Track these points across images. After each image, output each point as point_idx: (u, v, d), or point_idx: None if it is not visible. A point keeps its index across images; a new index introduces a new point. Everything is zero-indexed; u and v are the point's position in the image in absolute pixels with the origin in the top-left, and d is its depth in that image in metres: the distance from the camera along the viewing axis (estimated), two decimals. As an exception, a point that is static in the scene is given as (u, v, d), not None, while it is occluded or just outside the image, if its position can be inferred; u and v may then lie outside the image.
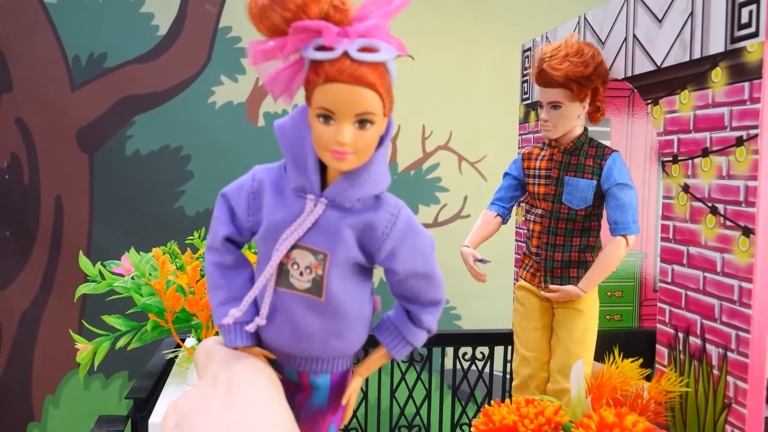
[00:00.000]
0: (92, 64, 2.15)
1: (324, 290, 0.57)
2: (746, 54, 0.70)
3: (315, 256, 0.56)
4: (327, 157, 0.54)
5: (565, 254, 1.02)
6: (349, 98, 0.52)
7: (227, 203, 0.60)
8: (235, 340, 0.59)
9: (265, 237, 0.58)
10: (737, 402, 0.71)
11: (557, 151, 1.03)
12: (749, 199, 0.69)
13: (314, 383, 0.60)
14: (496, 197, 1.12)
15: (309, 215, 0.56)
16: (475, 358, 1.32)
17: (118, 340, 0.98)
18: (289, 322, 0.58)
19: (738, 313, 0.71)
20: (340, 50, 0.50)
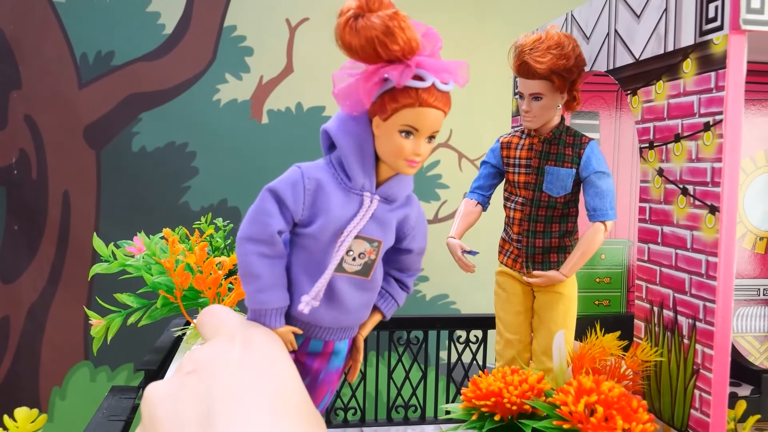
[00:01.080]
0: (100, 62, 2.20)
1: (372, 271, 0.69)
2: (713, 46, 0.75)
3: (371, 244, 0.67)
4: (401, 164, 0.65)
5: (545, 240, 1.06)
6: (433, 120, 0.63)
7: (277, 198, 0.65)
8: (273, 322, 0.66)
9: (325, 230, 0.65)
10: (704, 368, 0.77)
11: (537, 141, 1.06)
12: (715, 180, 0.75)
13: (337, 349, 0.71)
14: (475, 185, 1.14)
15: (367, 210, 0.66)
16: (469, 341, 1.37)
17: (130, 317, 1.04)
18: (334, 300, 0.67)
19: (705, 285, 0.77)
20: (430, 82, 0.62)
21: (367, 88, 0.62)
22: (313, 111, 2.30)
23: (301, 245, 0.67)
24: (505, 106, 2.02)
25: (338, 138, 0.66)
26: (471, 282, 2.19)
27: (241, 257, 0.65)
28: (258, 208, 0.65)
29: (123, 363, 2.26)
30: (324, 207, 0.65)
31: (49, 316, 2.24)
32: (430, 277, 2.32)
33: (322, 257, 0.66)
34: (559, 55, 0.98)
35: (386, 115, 0.63)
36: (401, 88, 0.62)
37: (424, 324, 1.35)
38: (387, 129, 0.64)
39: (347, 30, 0.60)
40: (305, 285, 0.67)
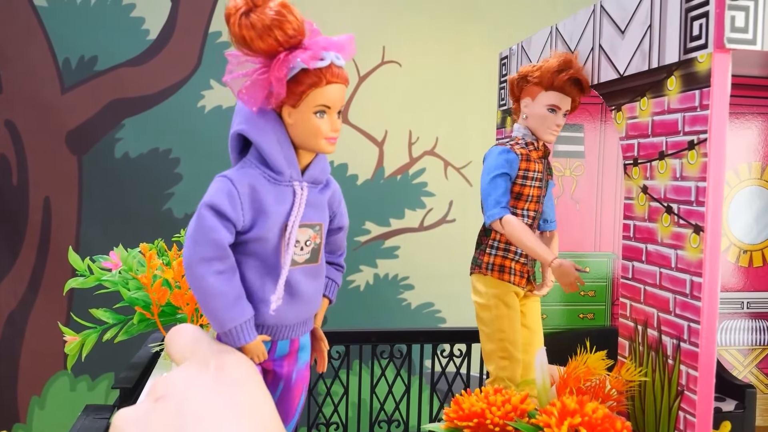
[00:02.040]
0: (82, 67, 2.18)
1: (320, 255, 0.71)
2: (697, 64, 0.75)
3: (313, 229, 0.69)
4: (322, 144, 0.67)
5: None
6: (340, 95, 0.67)
7: (216, 211, 0.65)
8: (247, 337, 0.66)
9: (270, 229, 0.66)
10: (689, 389, 0.76)
11: (543, 154, 1.08)
12: (699, 199, 0.74)
13: (302, 344, 0.73)
14: (506, 201, 1.04)
15: (302, 198, 0.68)
16: (453, 355, 1.36)
17: (106, 333, 1.02)
18: (294, 294, 0.69)
19: (689, 305, 0.76)
20: (329, 59, 0.65)
21: (279, 77, 0.63)
22: (298, 118, 2.28)
23: (249, 252, 0.67)
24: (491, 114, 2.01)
25: (256, 136, 0.67)
26: (457, 291, 2.19)
27: (197, 282, 0.64)
28: (201, 228, 0.65)
29: (103, 372, 2.23)
30: (262, 208, 0.66)
31: (28, 323, 2.21)
32: (416, 285, 2.31)
33: (273, 257, 0.67)
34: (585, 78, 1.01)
35: (296, 101, 0.65)
36: (305, 72, 0.64)
37: (407, 337, 1.34)
38: (301, 114, 0.66)
39: (242, 25, 0.62)
40: (262, 290, 0.67)
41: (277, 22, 0.62)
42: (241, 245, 0.67)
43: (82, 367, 2.16)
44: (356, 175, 2.25)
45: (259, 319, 0.68)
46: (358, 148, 2.25)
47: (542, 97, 1.04)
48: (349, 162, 2.24)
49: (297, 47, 0.64)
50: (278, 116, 0.67)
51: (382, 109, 2.26)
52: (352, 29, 1.97)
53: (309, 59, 0.64)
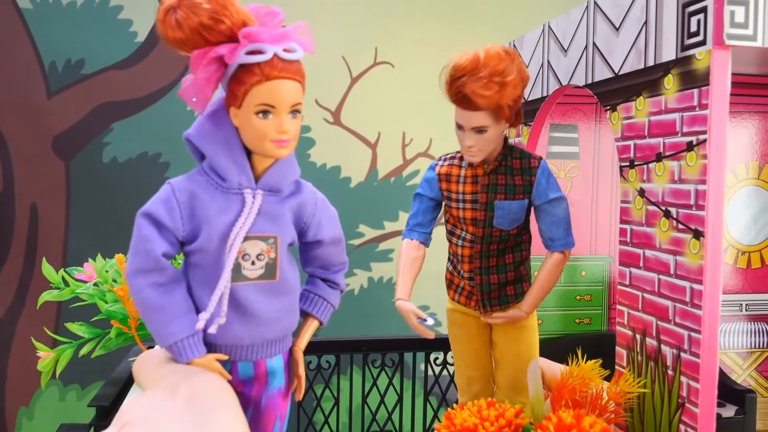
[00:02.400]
0: (69, 71, 2.14)
1: (278, 271, 0.65)
2: (695, 62, 0.71)
3: (266, 242, 0.64)
4: (268, 147, 0.62)
5: (501, 276, 0.96)
6: (287, 93, 0.61)
7: (152, 220, 0.62)
8: (191, 353, 0.62)
9: (210, 239, 0.62)
10: (690, 401, 0.73)
11: (482, 173, 0.93)
12: (699, 203, 0.71)
13: (270, 368, 0.67)
14: (414, 223, 0.98)
15: (251, 207, 0.62)
16: (447, 363, 1.33)
17: (82, 348, 0.98)
18: (245, 313, 0.64)
19: (690, 314, 0.73)
20: (271, 53, 0.59)
21: (204, 74, 0.59)
22: (290, 121, 2.25)
23: (194, 263, 0.64)
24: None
25: (200, 141, 0.63)
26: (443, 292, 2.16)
27: (136, 294, 0.61)
28: (136, 238, 0.62)
29: (94, 381, 2.18)
30: (203, 216, 0.62)
31: (16, 332, 2.17)
32: (410, 289, 2.28)
33: (216, 269, 0.63)
34: (502, 84, 0.83)
35: (238, 101, 0.61)
36: (245, 69, 0.59)
37: (399, 345, 1.31)
38: (244, 115, 0.61)
39: (168, 25, 0.58)
40: (208, 304, 0.63)
41: (206, 20, 0.57)
42: (187, 256, 0.64)
43: (71, 376, 2.13)
44: (349, 177, 2.23)
45: (210, 338, 0.64)
46: (351, 150, 2.22)
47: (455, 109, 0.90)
48: (342, 164, 2.21)
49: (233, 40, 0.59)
50: None
51: (375, 111, 2.24)
52: (343, 30, 1.95)
53: (230, 53, 0.58)
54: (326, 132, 2.17)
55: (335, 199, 0.74)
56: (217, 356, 0.64)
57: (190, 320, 0.62)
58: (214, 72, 0.59)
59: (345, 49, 2.17)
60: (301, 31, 0.61)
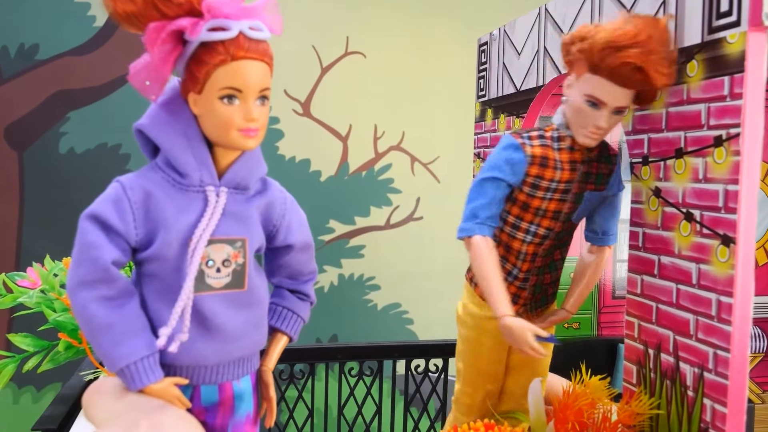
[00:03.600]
0: (22, 56, 2.04)
1: (246, 278, 0.57)
2: (726, 45, 0.63)
3: (233, 246, 0.56)
4: (234, 137, 0.54)
5: (553, 273, 0.86)
6: (256, 75, 0.53)
7: (100, 223, 0.53)
8: (146, 377, 0.53)
9: (169, 245, 0.54)
10: (715, 427, 0.65)
11: (580, 158, 0.79)
12: (729, 205, 0.63)
13: (238, 391, 0.59)
14: (487, 215, 0.80)
15: (215, 207, 0.55)
16: (428, 371, 1.25)
17: (27, 362, 0.88)
18: (209, 327, 0.56)
19: (716, 329, 0.65)
20: (237, 30, 0.52)
21: (161, 52, 0.51)
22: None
23: (149, 273, 0.55)
24: (459, 108, 1.92)
25: (154, 131, 0.55)
26: (425, 291, 2.10)
27: (79, 310, 0.52)
28: (80, 245, 0.53)
29: (49, 383, 2.09)
30: (160, 218, 0.54)
31: (-34, 333, 2.06)
32: (382, 285, 2.24)
33: (176, 280, 0.54)
34: (672, 62, 0.70)
35: (199, 85, 0.53)
36: (207, 48, 0.52)
37: (378, 353, 1.22)
38: (206, 101, 0.53)
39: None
40: (164, 322, 0.54)
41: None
42: (140, 265, 0.55)
43: (25, 378, 2.04)
44: (319, 171, 2.17)
45: (168, 358, 0.55)
46: (321, 142, 2.17)
47: (584, 81, 0.74)
48: (312, 157, 2.16)
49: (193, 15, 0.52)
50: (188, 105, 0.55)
51: (346, 103, 2.19)
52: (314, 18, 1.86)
53: (192, 28, 0.51)
54: (295, 124, 2.12)
55: (305, 193, 0.66)
56: (176, 380, 0.55)
57: (144, 339, 0.54)
58: (171, 50, 0.52)
59: (315, 38, 2.11)
60: (268, 9, 0.55)
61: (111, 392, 0.51)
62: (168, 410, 0.49)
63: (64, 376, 2.01)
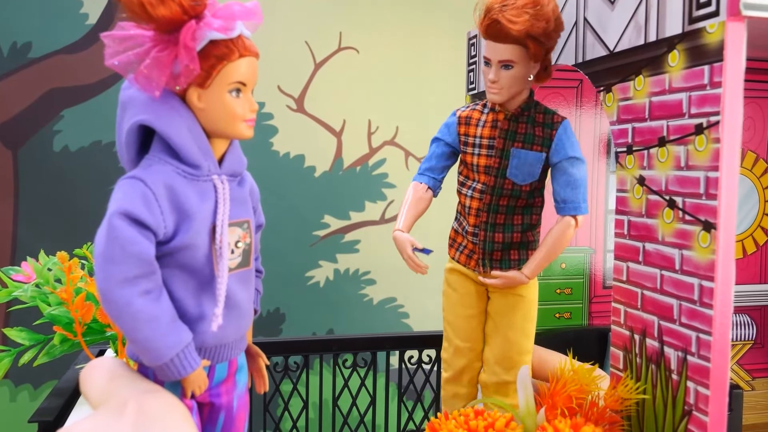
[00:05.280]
0: (15, 54, 2.04)
1: (251, 257, 0.62)
2: (706, 35, 0.65)
3: (241, 227, 0.60)
4: (241, 127, 0.58)
5: (506, 235, 0.92)
6: (255, 69, 0.58)
7: (133, 220, 0.54)
8: (192, 364, 0.55)
9: (199, 233, 0.56)
10: (698, 409, 0.66)
11: (502, 117, 0.90)
12: (710, 192, 0.64)
13: (240, 364, 0.63)
14: (425, 167, 0.97)
15: (224, 193, 0.58)
16: (422, 362, 1.26)
17: (23, 356, 0.88)
18: (231, 306, 0.59)
19: (698, 313, 0.66)
20: (240, 29, 0.56)
21: (190, 48, 0.54)
22: (252, 106, 2.19)
23: (176, 264, 0.57)
24: (452, 102, 1.93)
25: (163, 126, 0.56)
26: (420, 285, 2.10)
27: (121, 309, 0.52)
28: (116, 242, 0.53)
29: (47, 380, 2.09)
30: (184, 210, 0.56)
31: (-38, 331, 2.06)
32: (377, 280, 2.24)
33: (206, 266, 0.57)
34: (536, 15, 0.82)
35: (208, 80, 0.56)
36: (213, 45, 0.55)
37: (372, 344, 1.23)
38: (214, 95, 0.57)
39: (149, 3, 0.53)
40: (198, 307, 0.57)
41: None
42: (164, 258, 0.56)
43: (22, 375, 2.04)
44: (314, 166, 2.17)
45: (197, 342, 0.58)
46: (315, 138, 2.17)
47: (482, 45, 0.89)
48: (306, 153, 2.15)
49: (201, 15, 0.55)
50: (183, 101, 0.58)
51: (339, 98, 2.18)
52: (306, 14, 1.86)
53: (223, 28, 0.55)
54: (289, 120, 2.11)
55: (299, 189, 0.68)
56: (203, 363, 0.58)
57: (181, 329, 0.56)
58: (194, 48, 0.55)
59: (308, 34, 2.10)
60: (258, 11, 0.59)
61: (107, 372, 0.51)
62: (159, 395, 0.50)
63: (61, 374, 2.02)
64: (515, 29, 0.82)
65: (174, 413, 0.48)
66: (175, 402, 0.50)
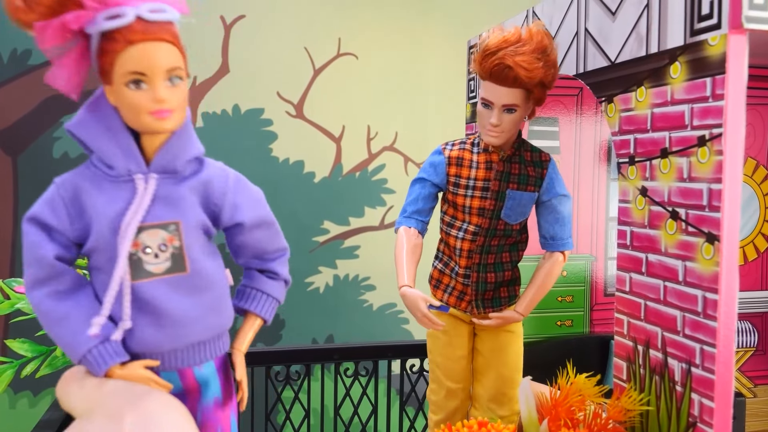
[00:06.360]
0: (15, 62, 2.03)
1: (187, 260, 0.58)
2: (708, 47, 0.65)
3: (166, 230, 0.57)
4: (147, 121, 0.55)
5: (498, 274, 0.91)
6: (156, 55, 0.54)
7: (39, 224, 0.56)
8: (109, 358, 0.54)
9: (104, 236, 0.55)
10: (703, 421, 0.66)
11: (497, 159, 0.89)
12: (713, 203, 0.64)
13: (201, 377, 0.60)
14: (413, 210, 0.92)
15: (144, 193, 0.56)
16: (424, 370, 1.26)
17: (25, 367, 0.88)
18: (155, 314, 0.57)
19: (702, 325, 0.66)
20: (132, 15, 0.52)
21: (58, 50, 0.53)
22: (251, 113, 2.17)
23: (94, 267, 0.57)
24: (451, 108, 1.93)
25: (78, 130, 0.57)
26: (419, 290, 2.10)
27: (36, 308, 0.54)
28: (26, 246, 0.55)
29: (47, 387, 2.08)
30: (92, 210, 0.56)
31: (-39, 339, 2.05)
32: (377, 285, 2.24)
33: (113, 268, 0.56)
34: (547, 63, 0.82)
35: (108, 76, 0.55)
36: (107, 38, 0.53)
37: (373, 353, 1.23)
38: (116, 90, 0.55)
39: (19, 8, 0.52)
40: (113, 312, 0.56)
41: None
42: (87, 259, 0.57)
43: (22, 383, 2.03)
44: (313, 172, 2.16)
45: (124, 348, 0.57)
46: (314, 144, 2.16)
47: (480, 86, 0.86)
48: (306, 159, 2.15)
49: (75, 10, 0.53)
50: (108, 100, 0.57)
51: (338, 104, 2.18)
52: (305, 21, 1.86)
53: (74, 19, 0.52)
54: (289, 125, 2.11)
55: (299, 195, 0.66)
56: (146, 362, 0.57)
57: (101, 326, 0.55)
58: (74, 47, 0.53)
59: (307, 40, 2.10)
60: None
61: (89, 379, 0.51)
62: (153, 396, 0.49)
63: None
64: (529, 77, 0.81)
65: (173, 411, 0.47)
66: (171, 399, 0.50)
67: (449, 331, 0.94)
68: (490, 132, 0.86)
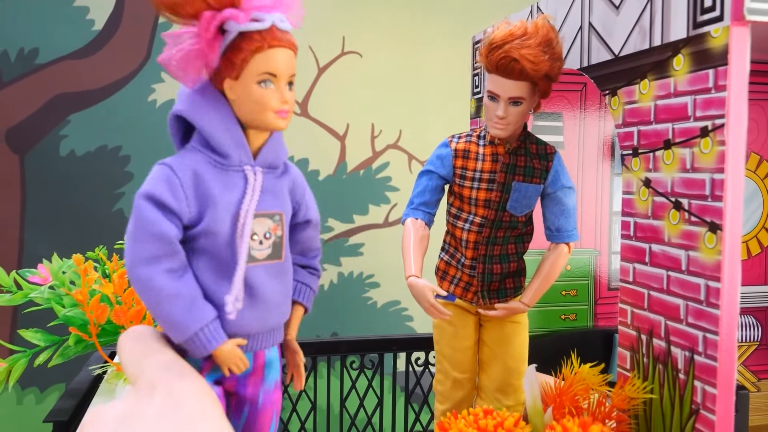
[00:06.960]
0: (22, 60, 2.04)
1: (283, 250, 0.62)
2: (710, 40, 0.66)
3: (272, 219, 0.61)
4: (270, 118, 0.59)
5: (504, 265, 0.92)
6: (287, 61, 0.59)
7: (156, 202, 0.56)
8: (216, 340, 0.57)
9: (220, 220, 0.58)
10: (705, 408, 0.67)
11: (503, 151, 0.90)
12: (716, 193, 0.65)
13: (269, 359, 0.63)
14: (420, 201, 0.93)
15: (255, 184, 0.59)
16: (429, 363, 1.27)
17: (38, 356, 0.90)
18: (254, 297, 0.60)
19: (705, 313, 0.67)
20: (270, 21, 0.57)
21: (209, 41, 0.56)
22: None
23: (199, 249, 0.58)
24: (454, 105, 1.93)
25: (196, 117, 0.59)
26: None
27: (144, 286, 0.55)
28: (141, 222, 0.55)
29: (53, 383, 2.09)
30: (209, 195, 0.58)
31: (-31, 337, 2.06)
32: (381, 283, 2.25)
33: (227, 253, 0.58)
34: (553, 56, 0.83)
35: (237, 71, 0.58)
36: (243, 37, 0.57)
37: (379, 346, 1.24)
38: (243, 86, 0.58)
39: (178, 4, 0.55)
40: (218, 292, 0.58)
41: None
42: (189, 242, 0.58)
43: (29, 378, 2.04)
44: (318, 170, 2.17)
45: None
46: (319, 142, 2.17)
47: (487, 79, 0.87)
48: (310, 157, 2.16)
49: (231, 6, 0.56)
50: (221, 94, 0.59)
51: (343, 102, 2.19)
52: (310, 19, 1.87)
53: (240, 18, 0.56)
54: (293, 124, 2.08)
55: None
56: (238, 341, 0.59)
57: (205, 305, 0.57)
58: (215, 39, 0.56)
59: (311, 38, 2.11)
60: (295, 4, 0.60)
61: (141, 344, 0.52)
62: (188, 379, 0.50)
63: (68, 377, 2.03)
64: (535, 69, 0.82)
65: (203, 398, 0.48)
66: (205, 387, 0.51)
67: (455, 322, 0.95)
68: (496, 124, 0.87)
